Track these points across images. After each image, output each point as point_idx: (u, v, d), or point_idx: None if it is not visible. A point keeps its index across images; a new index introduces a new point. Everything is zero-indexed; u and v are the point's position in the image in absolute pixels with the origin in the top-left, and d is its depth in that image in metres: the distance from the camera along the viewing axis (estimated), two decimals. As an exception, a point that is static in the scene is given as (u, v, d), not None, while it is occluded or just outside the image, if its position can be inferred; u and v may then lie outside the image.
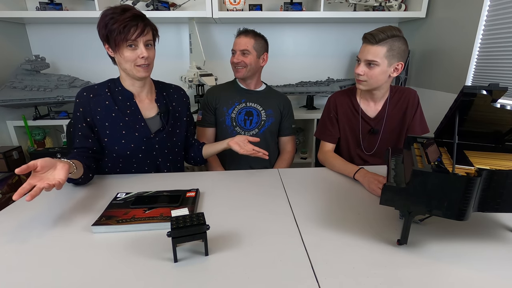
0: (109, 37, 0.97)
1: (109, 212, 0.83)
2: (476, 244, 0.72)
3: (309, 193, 0.99)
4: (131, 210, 0.84)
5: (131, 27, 0.95)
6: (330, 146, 1.32)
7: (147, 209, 0.84)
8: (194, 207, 0.87)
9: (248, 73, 1.43)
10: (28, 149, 2.06)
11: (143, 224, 0.78)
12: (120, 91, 1.10)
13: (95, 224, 0.78)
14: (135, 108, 1.10)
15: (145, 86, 1.13)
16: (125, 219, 0.79)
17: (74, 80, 2.02)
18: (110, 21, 0.95)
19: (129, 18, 0.95)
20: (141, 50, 0.99)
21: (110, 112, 1.07)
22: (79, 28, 2.14)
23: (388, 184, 0.66)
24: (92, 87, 1.09)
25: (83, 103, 1.06)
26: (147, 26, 0.99)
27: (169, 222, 0.70)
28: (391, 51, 1.09)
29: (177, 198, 0.90)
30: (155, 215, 0.81)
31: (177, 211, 0.78)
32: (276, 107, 1.51)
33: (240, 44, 1.41)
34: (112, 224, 0.77)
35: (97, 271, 0.63)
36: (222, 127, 1.49)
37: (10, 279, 0.61)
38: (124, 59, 1.00)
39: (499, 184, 0.62)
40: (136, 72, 1.03)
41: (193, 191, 0.95)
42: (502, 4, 1.38)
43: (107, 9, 0.98)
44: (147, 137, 1.12)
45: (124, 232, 0.77)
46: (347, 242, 0.73)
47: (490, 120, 0.74)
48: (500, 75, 1.41)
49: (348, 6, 2.07)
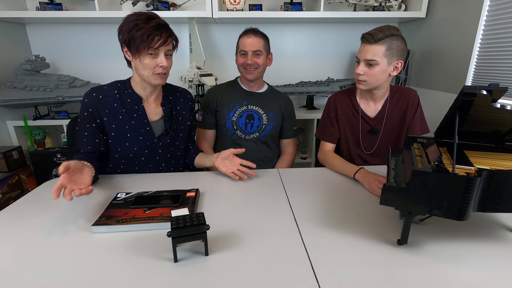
0: (131, 43, 0.98)
1: (109, 212, 0.83)
2: (476, 244, 0.72)
3: (309, 193, 0.99)
4: (131, 210, 0.84)
5: (155, 36, 0.96)
6: (330, 146, 1.32)
7: (147, 209, 0.84)
8: (194, 207, 0.87)
9: (260, 74, 1.41)
10: (28, 149, 2.06)
11: (143, 224, 0.78)
12: (129, 93, 1.10)
13: (95, 224, 0.78)
14: (142, 112, 1.10)
15: (155, 91, 1.13)
16: (125, 219, 0.79)
17: (74, 80, 2.02)
18: (134, 27, 0.96)
19: (153, 27, 0.96)
20: (161, 59, 1.00)
21: (118, 115, 1.08)
22: (79, 28, 2.14)
23: (388, 184, 0.66)
24: (101, 88, 1.09)
25: (92, 103, 1.06)
26: (170, 37, 1.01)
27: (169, 222, 0.70)
28: (390, 50, 1.09)
29: (177, 198, 0.90)
30: (155, 215, 0.81)
31: (177, 211, 0.78)
32: (277, 110, 1.49)
33: (252, 45, 1.35)
34: (112, 224, 0.78)
35: (97, 271, 0.63)
36: (222, 130, 1.48)
37: (10, 279, 0.61)
38: (143, 66, 1.01)
39: (499, 184, 0.62)
40: (153, 80, 1.04)
41: (193, 191, 0.95)
42: (502, 4, 1.38)
43: (131, 14, 0.99)
44: (151, 141, 1.13)
45: (124, 232, 0.77)
46: (347, 242, 0.73)
47: (490, 120, 0.74)
48: (500, 75, 1.41)
49: (348, 6, 2.07)
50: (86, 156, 1.05)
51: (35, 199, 0.97)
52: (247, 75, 1.39)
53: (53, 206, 0.91)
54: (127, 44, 1.00)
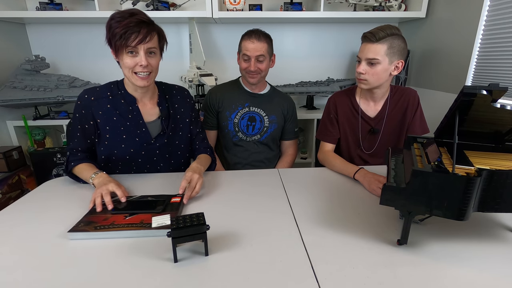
0: (111, 41, 0.95)
1: (89, 218, 0.81)
2: (476, 244, 0.72)
3: (309, 193, 0.99)
4: (111, 216, 0.81)
5: (132, 33, 0.91)
6: (330, 146, 1.32)
7: (129, 215, 0.81)
8: (178, 214, 0.83)
9: (262, 78, 1.40)
10: (28, 149, 2.06)
11: (122, 231, 0.75)
12: (122, 94, 1.08)
13: (72, 230, 0.75)
14: (137, 113, 1.08)
15: (148, 91, 1.10)
16: (103, 226, 0.76)
17: (74, 80, 2.02)
18: (114, 24, 0.93)
19: (132, 23, 0.91)
20: (140, 57, 0.95)
21: (111, 116, 1.07)
22: (79, 28, 2.14)
23: (388, 184, 0.66)
24: (94, 89, 1.08)
25: (85, 105, 1.05)
26: (150, 33, 0.95)
27: (149, 230, 0.69)
28: (391, 49, 1.09)
29: (161, 203, 0.87)
30: (135, 222, 0.78)
31: (158, 218, 0.77)
32: (279, 112, 1.48)
33: (255, 50, 1.32)
34: (89, 230, 0.75)
35: (97, 271, 0.63)
36: (224, 132, 1.47)
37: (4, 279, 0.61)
38: (123, 65, 0.98)
39: (499, 184, 0.62)
40: (135, 81, 0.99)
41: (179, 196, 0.91)
42: (502, 4, 1.38)
43: (116, 12, 0.96)
44: (148, 142, 1.11)
45: (102, 239, 0.74)
46: (347, 242, 0.73)
47: (490, 120, 0.74)
48: (500, 75, 1.41)
49: (348, 6, 2.07)
50: (86, 157, 1.05)
51: (35, 199, 0.97)
52: (250, 79, 1.39)
53: (41, 209, 0.90)
54: (110, 43, 0.97)
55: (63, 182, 1.09)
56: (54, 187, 1.06)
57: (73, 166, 1.05)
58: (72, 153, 1.07)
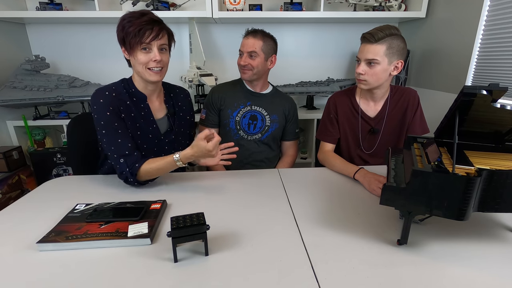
0: (125, 40, 0.99)
1: (61, 227, 0.76)
2: (476, 244, 0.72)
3: (309, 193, 0.99)
4: (85, 225, 0.77)
5: (146, 31, 0.97)
6: (330, 146, 1.32)
7: (104, 223, 0.77)
8: (156, 222, 0.79)
9: (254, 76, 1.39)
10: (28, 149, 2.06)
11: (95, 241, 0.71)
12: (134, 92, 1.09)
13: (41, 241, 0.70)
14: (148, 110, 1.11)
15: (156, 89, 1.13)
16: (75, 235, 0.72)
17: (74, 80, 2.02)
18: (127, 24, 0.97)
19: (145, 21, 0.96)
20: (154, 53, 1.00)
21: (130, 112, 1.07)
22: (79, 28, 2.13)
23: (388, 184, 0.66)
24: (109, 87, 1.06)
25: (110, 102, 1.03)
26: (162, 31, 1.01)
27: (125, 239, 0.69)
28: (391, 49, 1.09)
29: (138, 210, 0.83)
30: (110, 231, 0.74)
31: (135, 226, 0.75)
32: (281, 112, 1.48)
33: (247, 46, 1.35)
34: (60, 241, 0.70)
35: (98, 271, 0.63)
36: (225, 130, 1.47)
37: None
38: (137, 61, 1.01)
39: (499, 184, 0.62)
40: (148, 76, 1.02)
41: (159, 202, 0.88)
42: (502, 4, 1.38)
43: (127, 13, 1.00)
44: (158, 138, 1.14)
45: (74, 249, 0.70)
46: (347, 242, 0.73)
47: (490, 120, 0.74)
48: (500, 75, 1.41)
49: (348, 6, 2.06)
50: (143, 156, 1.02)
51: (35, 199, 0.97)
52: (242, 75, 1.42)
53: (44, 210, 0.90)
54: (123, 42, 1.00)
55: (63, 182, 1.09)
56: (54, 187, 1.06)
57: (138, 167, 1.00)
58: (126, 157, 1.00)
